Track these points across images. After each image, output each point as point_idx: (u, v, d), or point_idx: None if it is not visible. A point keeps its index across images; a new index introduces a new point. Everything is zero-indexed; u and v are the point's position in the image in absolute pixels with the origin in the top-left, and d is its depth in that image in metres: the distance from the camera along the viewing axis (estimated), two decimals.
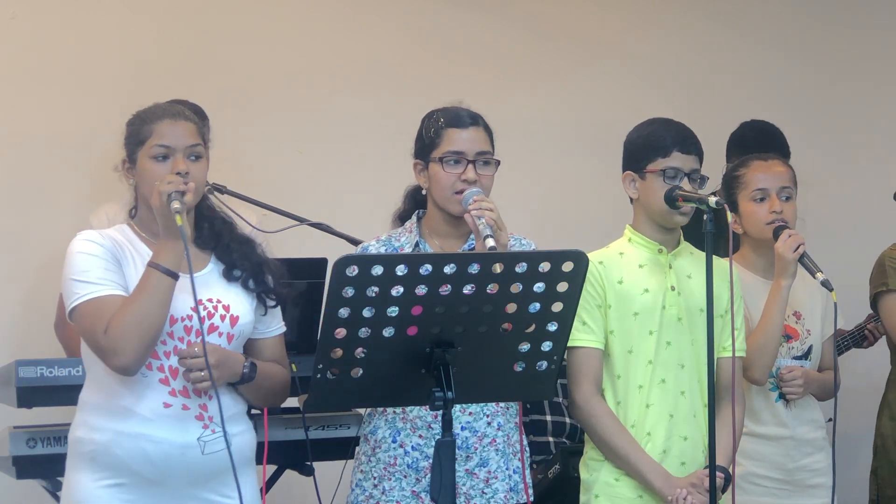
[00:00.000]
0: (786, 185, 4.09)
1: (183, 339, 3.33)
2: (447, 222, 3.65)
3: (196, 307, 3.27)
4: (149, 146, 3.37)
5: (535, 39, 6.03)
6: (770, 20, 6.38)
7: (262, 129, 5.55)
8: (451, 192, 3.59)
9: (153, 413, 3.30)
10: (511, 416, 3.68)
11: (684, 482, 3.64)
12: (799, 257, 3.91)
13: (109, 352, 3.25)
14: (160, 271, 3.25)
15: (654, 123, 3.80)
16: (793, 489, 4.07)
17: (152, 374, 3.31)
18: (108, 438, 3.30)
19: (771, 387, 4.06)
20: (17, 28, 5.32)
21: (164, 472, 3.30)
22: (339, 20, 5.76)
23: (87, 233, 3.40)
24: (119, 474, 3.30)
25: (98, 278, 3.30)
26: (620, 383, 3.71)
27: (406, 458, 3.59)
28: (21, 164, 5.28)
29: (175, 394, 3.32)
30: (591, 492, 3.71)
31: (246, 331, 3.44)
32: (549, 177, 5.95)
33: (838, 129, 6.36)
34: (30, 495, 4.57)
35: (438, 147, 3.62)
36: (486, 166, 3.63)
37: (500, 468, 3.63)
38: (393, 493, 3.59)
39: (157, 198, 3.26)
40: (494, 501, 3.61)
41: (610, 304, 3.71)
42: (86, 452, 3.33)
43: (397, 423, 3.61)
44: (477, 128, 3.66)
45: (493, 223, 3.43)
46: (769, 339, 3.93)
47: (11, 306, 5.24)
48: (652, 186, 3.72)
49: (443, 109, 3.70)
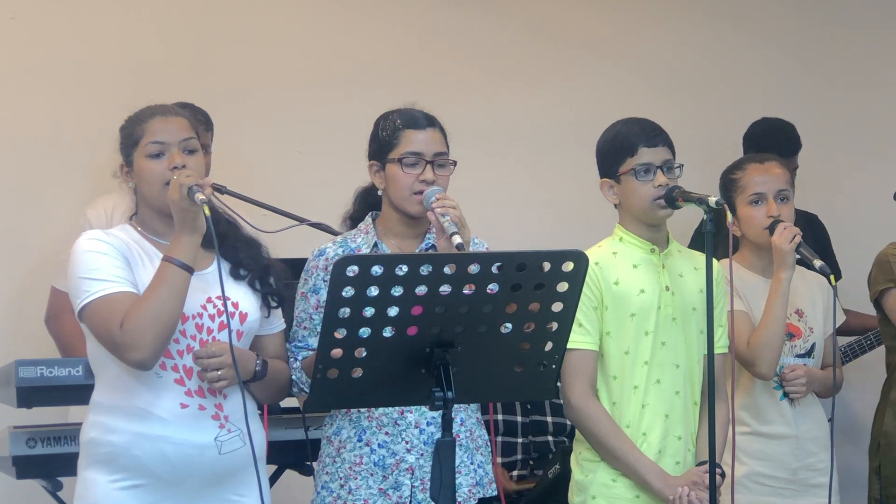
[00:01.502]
0: (782, 187, 4.09)
1: (195, 338, 3.34)
2: (403, 222, 3.66)
3: (224, 302, 3.28)
4: (143, 145, 3.38)
5: (535, 39, 6.03)
6: (771, 20, 6.37)
7: (262, 129, 5.55)
8: (410, 192, 3.61)
9: (170, 414, 3.31)
10: (471, 412, 3.70)
11: (683, 481, 3.64)
12: (796, 247, 3.92)
13: (126, 346, 3.23)
14: (176, 265, 3.25)
15: (616, 125, 3.82)
16: (797, 488, 4.07)
17: (167, 374, 3.32)
18: (127, 440, 3.30)
19: (775, 385, 4.06)
20: (17, 28, 5.32)
21: (183, 473, 3.31)
22: (338, 20, 5.76)
23: (94, 232, 3.40)
24: (137, 476, 3.30)
25: (110, 276, 3.30)
26: (616, 384, 3.71)
27: (373, 455, 3.60)
28: (21, 163, 5.28)
29: (191, 394, 3.33)
30: (588, 492, 3.71)
31: (254, 328, 3.46)
32: (549, 177, 5.94)
33: (839, 130, 6.36)
34: (30, 495, 4.57)
35: (396, 148, 3.64)
36: (442, 167, 3.65)
37: (464, 463, 3.65)
38: (360, 492, 3.59)
39: (178, 191, 3.24)
40: (459, 495, 3.61)
41: (607, 306, 3.71)
42: (102, 454, 3.33)
43: (362, 422, 3.62)
44: (433, 129, 3.67)
45: (458, 220, 3.44)
46: (773, 332, 3.94)
47: (11, 306, 5.24)
48: (629, 188, 3.73)
49: (398, 111, 3.72)
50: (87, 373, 3.85)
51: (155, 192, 3.37)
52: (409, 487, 3.58)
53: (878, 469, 4.65)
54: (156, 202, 3.39)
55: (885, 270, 4.56)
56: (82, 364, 3.87)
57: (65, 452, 3.96)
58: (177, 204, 3.26)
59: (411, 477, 3.58)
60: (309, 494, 3.80)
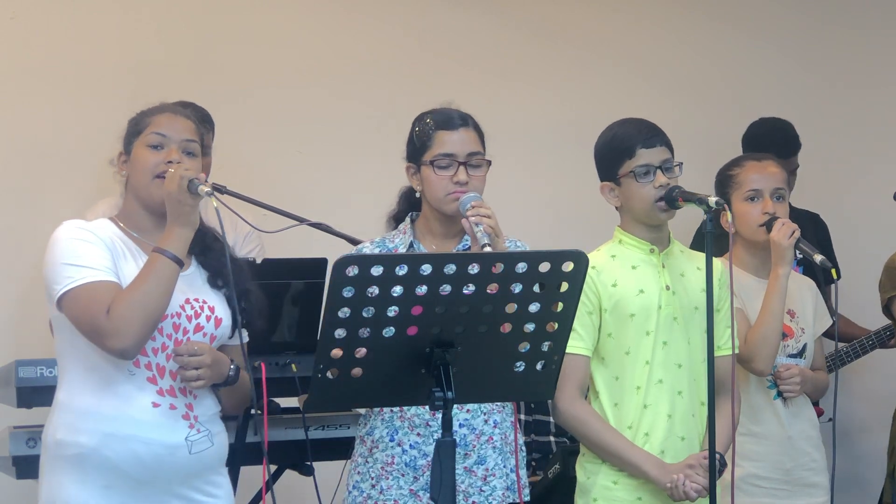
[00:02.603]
0: (779, 185, 4.09)
1: (171, 336, 3.31)
2: (442, 223, 3.66)
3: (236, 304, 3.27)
4: (145, 135, 3.37)
5: (535, 39, 6.03)
6: (771, 20, 6.37)
7: (262, 129, 5.55)
8: (445, 194, 3.60)
9: (142, 413, 3.27)
10: (507, 415, 3.68)
11: (680, 466, 3.62)
12: (795, 242, 3.92)
13: (111, 333, 3.19)
14: (167, 257, 3.23)
15: (612, 127, 3.80)
16: (791, 489, 4.07)
17: (140, 371, 3.28)
18: (97, 441, 3.25)
19: (769, 385, 4.06)
20: (17, 28, 5.32)
21: (154, 472, 3.28)
22: (339, 20, 5.76)
23: (76, 221, 3.35)
24: (107, 477, 3.25)
25: (94, 264, 3.25)
26: (617, 385, 3.70)
27: (404, 456, 3.60)
28: (21, 163, 5.28)
29: (163, 393, 3.30)
30: (590, 495, 3.70)
31: (225, 334, 3.43)
32: (549, 177, 5.94)
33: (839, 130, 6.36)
34: (30, 495, 4.54)
35: (429, 150, 3.63)
36: (477, 168, 3.64)
37: (498, 466, 3.63)
38: (391, 492, 3.59)
39: (175, 183, 3.23)
40: (493, 499, 3.61)
41: (606, 309, 3.70)
42: (71, 456, 3.26)
43: (395, 422, 3.62)
44: (467, 129, 3.66)
45: (491, 231, 3.44)
46: (770, 328, 3.94)
47: (11, 306, 5.24)
48: (629, 190, 3.72)
49: (432, 112, 3.70)
50: None
51: (144, 183, 3.34)
52: None
53: (893, 473, 4.62)
54: (142, 193, 3.35)
55: (892, 277, 4.55)
56: None
57: None
58: (172, 196, 3.24)
59: None
60: (309, 494, 3.80)
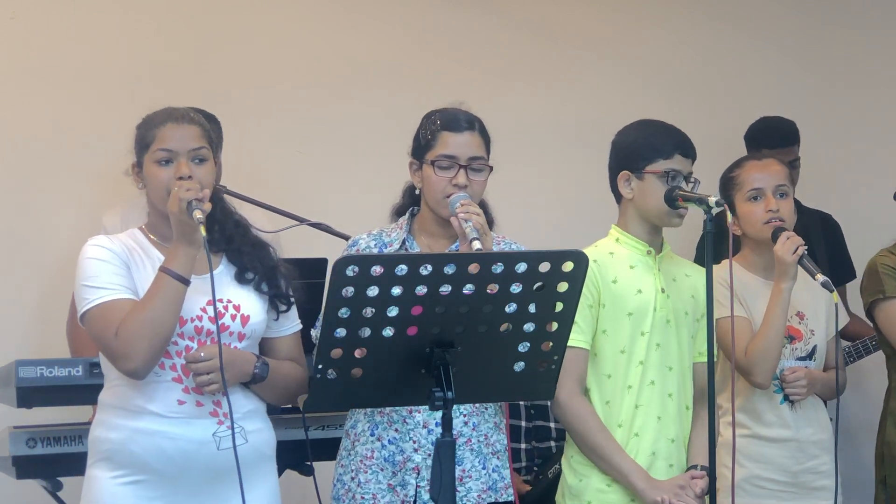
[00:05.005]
0: (781, 182, 4.08)
1: (193, 339, 3.36)
2: (437, 222, 3.67)
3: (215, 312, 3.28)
4: (152, 150, 3.40)
5: (535, 39, 6.03)
6: (771, 20, 6.37)
7: (262, 129, 5.55)
8: (442, 195, 3.61)
9: (168, 410, 3.34)
10: (488, 417, 3.68)
11: (669, 485, 3.64)
12: (798, 259, 3.90)
13: (120, 355, 3.29)
14: (171, 276, 3.28)
15: (651, 125, 3.81)
16: (798, 491, 4.06)
17: (165, 373, 3.35)
18: (125, 436, 3.34)
19: (775, 389, 4.05)
20: (17, 28, 5.32)
21: (182, 468, 3.33)
22: (339, 20, 5.76)
23: (98, 238, 3.43)
24: (137, 472, 3.33)
25: (108, 283, 3.33)
26: (610, 383, 3.71)
27: (383, 451, 3.61)
28: (21, 164, 5.28)
29: (188, 391, 3.35)
30: (583, 498, 3.71)
31: (258, 330, 3.46)
32: (549, 177, 5.94)
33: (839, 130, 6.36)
34: (30, 495, 4.57)
35: (433, 149, 3.64)
36: (477, 172, 3.64)
37: (475, 467, 3.64)
38: (369, 486, 3.60)
39: (177, 204, 3.27)
40: (467, 500, 3.61)
41: (604, 304, 3.71)
42: (104, 451, 3.37)
43: (375, 417, 3.64)
44: (472, 132, 3.66)
45: (480, 227, 3.45)
46: (771, 343, 3.93)
47: (11, 306, 5.24)
48: (650, 187, 3.73)
49: (442, 111, 3.70)
50: (86, 373, 3.87)
51: (160, 198, 3.39)
52: (414, 487, 3.58)
53: (885, 480, 4.60)
54: (160, 206, 3.41)
55: (874, 280, 4.50)
56: (82, 364, 3.89)
57: (65, 452, 3.97)
58: (175, 216, 3.28)
59: (417, 477, 3.58)
60: (309, 494, 3.80)
